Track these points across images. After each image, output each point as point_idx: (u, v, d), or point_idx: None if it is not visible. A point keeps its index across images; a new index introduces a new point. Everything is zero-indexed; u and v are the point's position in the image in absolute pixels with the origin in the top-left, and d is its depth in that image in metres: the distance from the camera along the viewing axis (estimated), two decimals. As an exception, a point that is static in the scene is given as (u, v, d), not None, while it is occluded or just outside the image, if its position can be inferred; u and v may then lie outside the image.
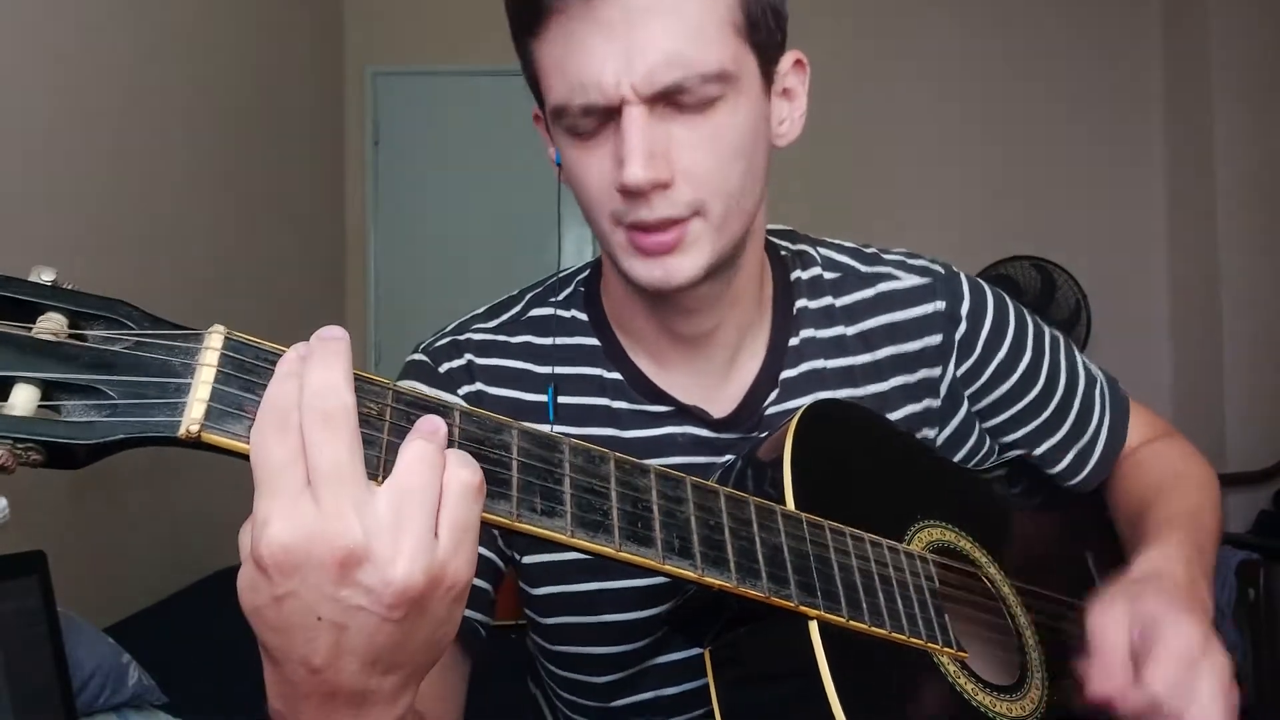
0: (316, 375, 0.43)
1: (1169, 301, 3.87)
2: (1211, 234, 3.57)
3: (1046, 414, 0.88)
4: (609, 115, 0.67)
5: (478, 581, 0.76)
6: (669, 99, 0.67)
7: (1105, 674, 0.66)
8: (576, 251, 4.02)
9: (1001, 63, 3.92)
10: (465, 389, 0.80)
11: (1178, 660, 0.64)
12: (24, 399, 0.40)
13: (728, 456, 0.77)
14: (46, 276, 0.43)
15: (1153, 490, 0.86)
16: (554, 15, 0.67)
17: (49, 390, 0.41)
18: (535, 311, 0.85)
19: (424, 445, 0.45)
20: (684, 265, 0.70)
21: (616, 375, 0.81)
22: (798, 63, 0.77)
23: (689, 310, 0.78)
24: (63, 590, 1.63)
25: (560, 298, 0.86)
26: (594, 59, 0.65)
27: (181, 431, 0.42)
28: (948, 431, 0.87)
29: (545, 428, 0.78)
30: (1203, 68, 3.60)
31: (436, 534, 0.44)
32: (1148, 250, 3.88)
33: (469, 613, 0.75)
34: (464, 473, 0.45)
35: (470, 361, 0.81)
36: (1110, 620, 0.67)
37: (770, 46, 0.73)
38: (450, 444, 0.47)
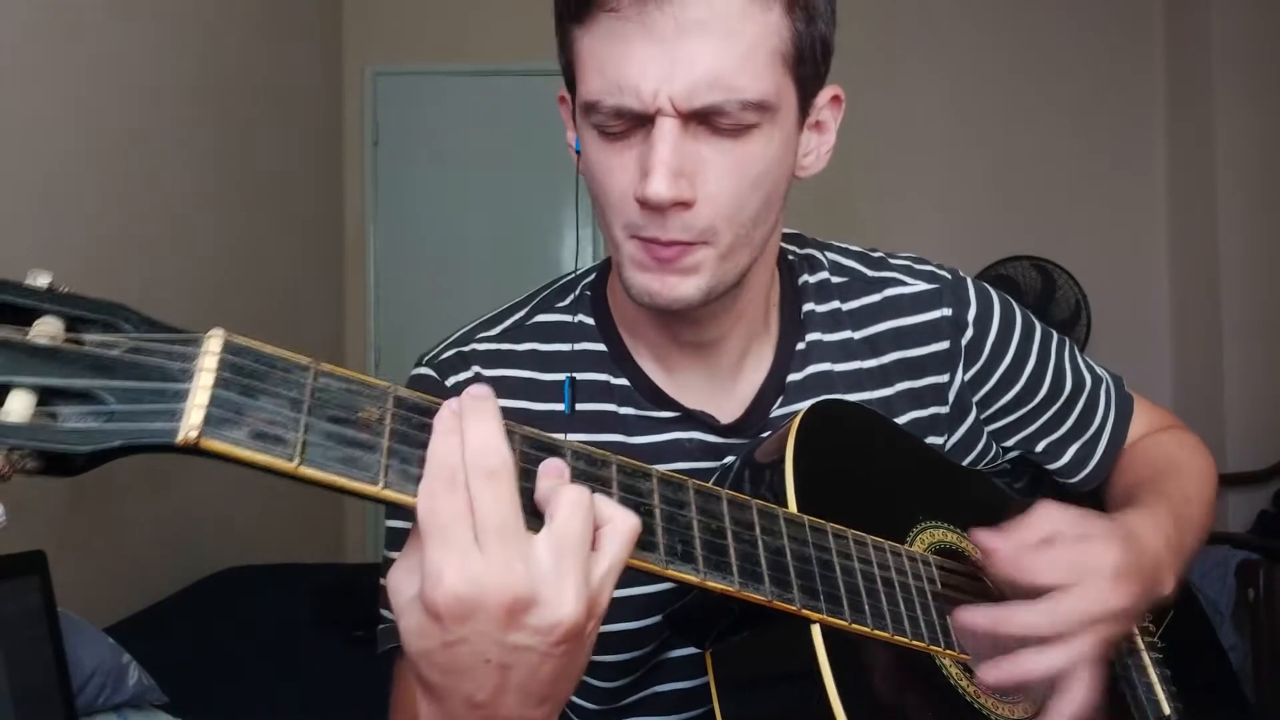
0: (476, 433, 0.46)
1: (1169, 301, 3.86)
2: (1212, 234, 3.57)
3: (1049, 415, 0.88)
4: (640, 121, 0.66)
5: None
6: (704, 119, 0.66)
7: (1001, 535, 0.67)
8: (573, 250, 4.02)
9: (1002, 62, 3.92)
10: None
11: (1069, 568, 0.64)
12: (20, 405, 0.39)
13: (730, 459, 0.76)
14: (42, 280, 0.42)
15: (1145, 479, 0.85)
16: (604, 10, 0.65)
17: (45, 396, 0.40)
18: (540, 317, 0.84)
19: (578, 492, 0.48)
20: (683, 287, 0.70)
21: (623, 381, 0.81)
22: (835, 98, 0.76)
23: (695, 321, 0.78)
24: (63, 590, 1.62)
25: (566, 302, 0.85)
26: (636, 63, 0.64)
27: (180, 439, 0.41)
28: (955, 439, 0.86)
29: (558, 420, 0.78)
30: (1204, 67, 3.60)
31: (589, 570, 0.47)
32: (1148, 250, 3.88)
33: None
34: (630, 520, 0.50)
35: (478, 374, 0.80)
36: (1050, 518, 0.68)
37: (813, 80, 0.71)
38: None
